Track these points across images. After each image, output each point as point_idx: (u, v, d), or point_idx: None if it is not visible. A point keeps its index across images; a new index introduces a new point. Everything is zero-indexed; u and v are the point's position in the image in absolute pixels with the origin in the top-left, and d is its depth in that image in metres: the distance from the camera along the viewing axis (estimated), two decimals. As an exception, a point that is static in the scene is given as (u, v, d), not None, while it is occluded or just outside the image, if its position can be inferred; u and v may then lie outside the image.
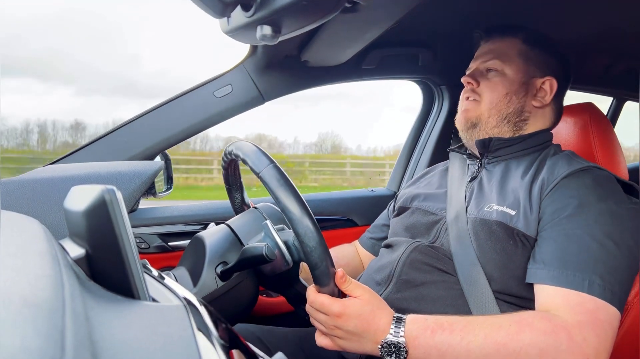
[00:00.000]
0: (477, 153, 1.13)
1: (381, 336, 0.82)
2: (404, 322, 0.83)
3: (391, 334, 0.81)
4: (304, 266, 1.07)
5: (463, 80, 1.15)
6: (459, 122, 1.17)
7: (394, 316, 0.84)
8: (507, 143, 1.09)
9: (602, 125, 1.15)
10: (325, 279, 0.81)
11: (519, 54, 1.12)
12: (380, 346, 0.82)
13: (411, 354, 0.81)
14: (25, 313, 0.26)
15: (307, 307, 0.87)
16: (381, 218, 1.36)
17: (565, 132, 1.20)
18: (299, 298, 0.99)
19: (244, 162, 0.88)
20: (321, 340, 0.88)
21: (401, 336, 0.81)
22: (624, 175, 1.14)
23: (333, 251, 0.93)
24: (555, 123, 1.15)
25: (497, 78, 1.12)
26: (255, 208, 1.05)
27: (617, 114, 2.32)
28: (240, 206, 1.12)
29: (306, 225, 0.78)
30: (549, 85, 1.12)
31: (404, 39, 1.52)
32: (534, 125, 1.12)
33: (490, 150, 1.10)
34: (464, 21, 1.20)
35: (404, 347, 0.81)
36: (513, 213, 0.96)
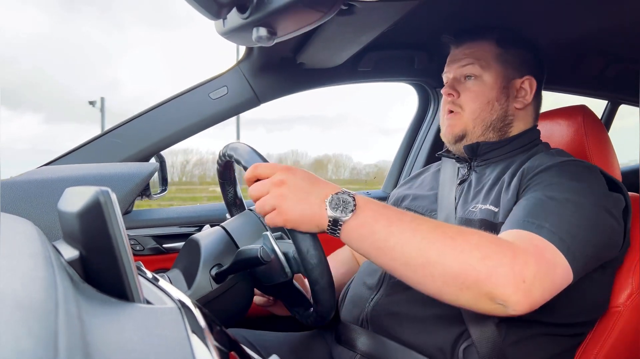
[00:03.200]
0: (466, 157, 1.13)
1: (330, 192, 0.78)
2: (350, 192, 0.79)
3: (341, 192, 0.78)
4: None
5: (443, 91, 1.14)
6: (445, 136, 1.15)
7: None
8: (494, 146, 1.10)
9: (595, 128, 1.16)
10: (324, 295, 0.82)
11: (496, 58, 1.11)
12: (327, 201, 0.77)
13: (357, 215, 0.77)
14: (18, 314, 0.26)
15: (250, 190, 0.82)
16: None
17: (558, 134, 1.20)
18: (295, 301, 0.99)
19: (245, 168, 0.88)
20: (270, 218, 0.81)
21: (351, 195, 0.78)
22: (618, 178, 1.14)
23: (330, 260, 0.92)
24: (536, 118, 1.16)
25: (476, 86, 1.11)
26: (251, 210, 1.05)
27: (612, 118, 2.33)
28: (232, 199, 1.11)
29: (308, 243, 0.79)
30: (528, 84, 1.12)
31: (399, 41, 1.52)
32: (517, 127, 1.12)
33: (478, 154, 1.11)
34: (460, 23, 1.20)
35: (353, 203, 0.77)
36: (496, 210, 0.97)
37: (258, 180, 0.82)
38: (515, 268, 0.75)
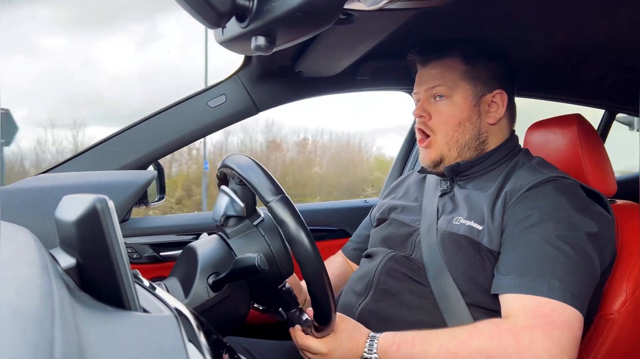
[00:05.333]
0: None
1: (358, 354, 0.91)
2: (377, 340, 0.91)
3: (366, 352, 0.91)
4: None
5: (414, 113, 1.13)
6: (423, 162, 1.15)
7: (369, 335, 0.93)
8: (474, 162, 1.10)
9: (590, 137, 1.16)
10: (327, 324, 0.87)
11: (464, 76, 1.09)
12: None
13: None
14: (14, 322, 0.26)
15: (299, 348, 0.96)
16: (364, 228, 1.38)
17: (553, 144, 1.21)
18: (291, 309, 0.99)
19: (244, 179, 0.87)
20: None
21: (374, 353, 0.90)
22: (613, 188, 1.15)
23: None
24: (512, 126, 1.16)
25: (446, 107, 1.09)
26: (249, 219, 1.04)
27: (609, 127, 2.33)
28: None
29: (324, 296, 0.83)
30: (499, 98, 1.10)
31: (398, 50, 1.53)
32: (494, 141, 1.12)
33: (459, 172, 1.11)
34: (457, 33, 1.21)
35: None
36: (480, 228, 0.99)
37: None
38: (522, 352, 0.79)
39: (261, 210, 1.01)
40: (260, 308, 1.03)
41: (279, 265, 0.95)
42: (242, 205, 0.96)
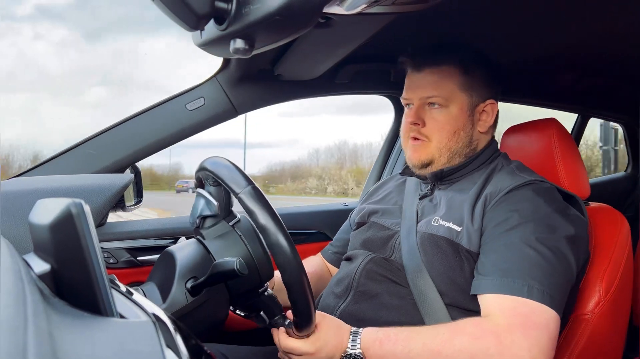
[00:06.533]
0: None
1: (342, 350, 0.91)
2: (360, 335, 0.91)
3: (349, 347, 0.91)
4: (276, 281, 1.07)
5: (407, 120, 1.12)
6: (410, 161, 1.14)
7: (351, 331, 0.92)
8: (458, 168, 1.12)
9: (565, 141, 1.19)
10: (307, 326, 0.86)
11: (461, 87, 1.09)
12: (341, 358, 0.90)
13: None
14: (-15, 331, 0.25)
15: (280, 353, 0.95)
16: (343, 232, 1.39)
17: (529, 148, 1.23)
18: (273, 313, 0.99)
19: (227, 186, 0.86)
20: None
21: (358, 348, 0.89)
22: (587, 191, 1.17)
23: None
24: (494, 131, 1.18)
25: (442, 116, 1.09)
26: (230, 224, 1.03)
27: (582, 130, 2.39)
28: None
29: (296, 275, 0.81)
30: (490, 108, 1.13)
31: (376, 54, 1.54)
32: (479, 147, 1.14)
33: (442, 177, 1.13)
34: (436, 38, 1.22)
35: (362, 358, 0.90)
36: (459, 229, 1.00)
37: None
38: (504, 353, 0.81)
39: (238, 212, 1.01)
40: (242, 314, 1.02)
41: (258, 269, 0.95)
42: (215, 203, 0.96)
